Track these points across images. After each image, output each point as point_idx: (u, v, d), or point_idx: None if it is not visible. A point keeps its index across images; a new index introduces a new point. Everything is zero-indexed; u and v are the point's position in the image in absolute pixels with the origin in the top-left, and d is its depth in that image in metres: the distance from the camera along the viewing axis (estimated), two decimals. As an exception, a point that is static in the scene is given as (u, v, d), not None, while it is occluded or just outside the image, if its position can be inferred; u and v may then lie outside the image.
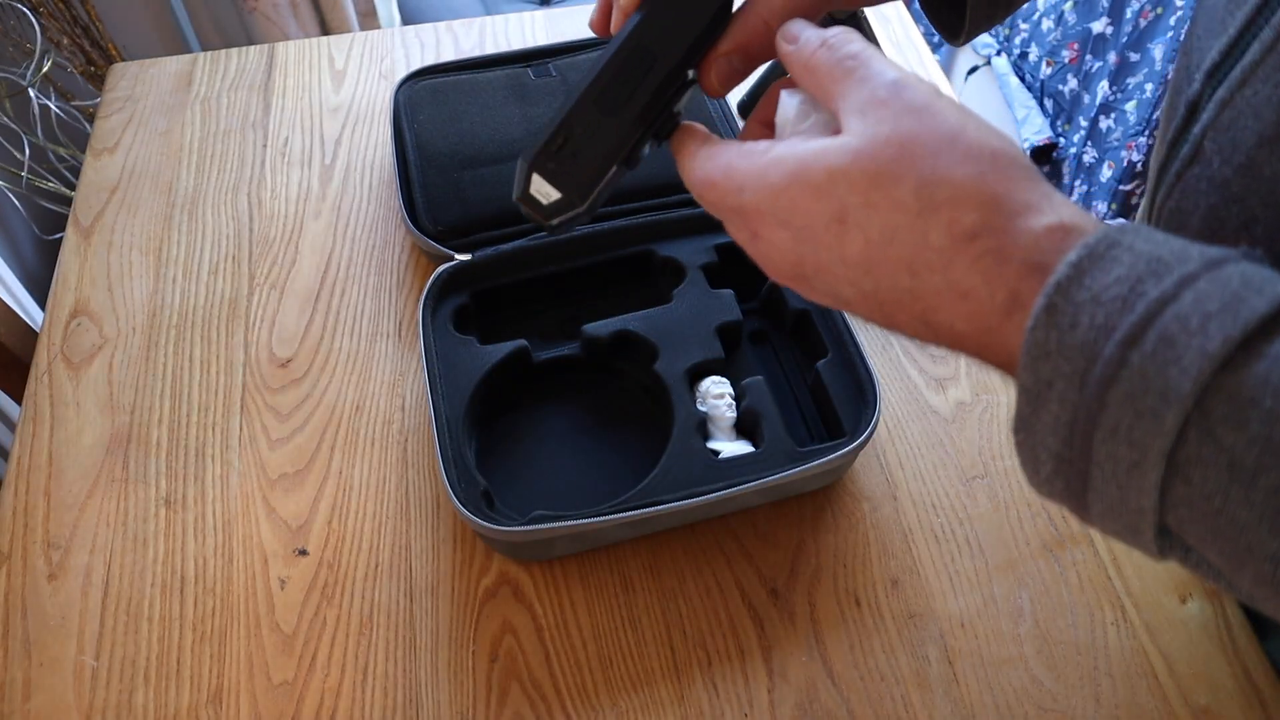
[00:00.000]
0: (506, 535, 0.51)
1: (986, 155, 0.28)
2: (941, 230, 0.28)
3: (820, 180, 0.30)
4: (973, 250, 0.28)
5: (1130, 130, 1.24)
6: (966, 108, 0.30)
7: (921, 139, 0.29)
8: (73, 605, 0.55)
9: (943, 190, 0.28)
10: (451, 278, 0.63)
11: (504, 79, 0.75)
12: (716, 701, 0.51)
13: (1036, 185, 0.29)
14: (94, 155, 0.79)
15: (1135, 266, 0.25)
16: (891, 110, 0.29)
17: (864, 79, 0.30)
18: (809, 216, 0.30)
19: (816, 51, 0.32)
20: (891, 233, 0.29)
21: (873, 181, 0.29)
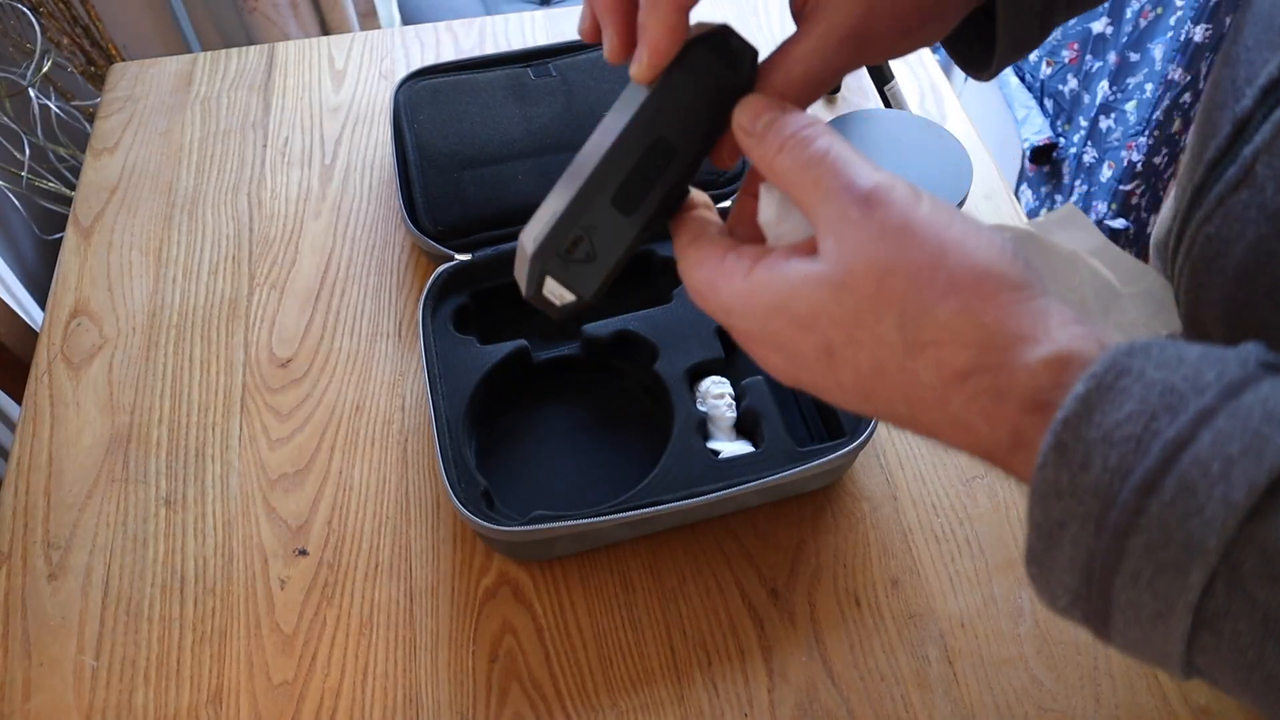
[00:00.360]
0: (506, 535, 0.51)
1: (971, 282, 0.27)
2: (931, 370, 0.27)
3: (803, 315, 0.29)
4: (966, 390, 0.26)
5: (1130, 130, 1.24)
6: (949, 210, 0.28)
7: (900, 270, 0.27)
8: (72, 605, 0.55)
9: (927, 329, 0.27)
10: (451, 278, 0.63)
11: (504, 79, 0.75)
12: (716, 701, 0.51)
13: (1028, 305, 0.27)
14: (94, 155, 0.79)
15: (1147, 400, 0.24)
16: (866, 234, 0.28)
17: (832, 193, 0.29)
18: (797, 346, 0.30)
19: (778, 158, 0.30)
20: (880, 369, 0.28)
21: (854, 319, 0.28)
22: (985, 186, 0.76)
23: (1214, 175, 0.37)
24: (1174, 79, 1.17)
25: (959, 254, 0.27)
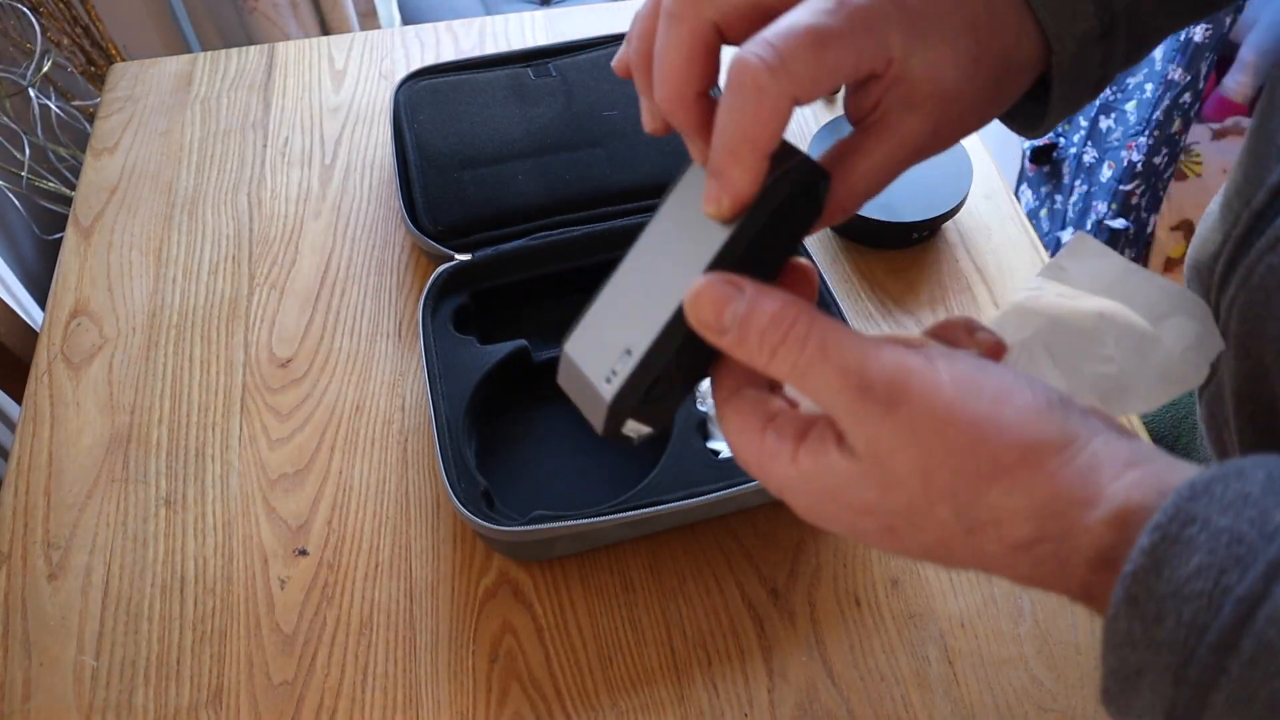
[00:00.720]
0: (506, 535, 0.51)
1: (1017, 460, 0.26)
2: (994, 543, 0.27)
3: (858, 505, 0.28)
4: (1031, 557, 0.27)
5: (1130, 130, 1.24)
6: (973, 376, 0.27)
7: (941, 465, 0.26)
8: (72, 605, 0.55)
9: (983, 513, 0.27)
10: (451, 278, 0.63)
11: (504, 79, 0.75)
12: (716, 701, 0.51)
13: (1077, 464, 0.26)
14: (94, 155, 0.79)
15: (1215, 551, 0.23)
16: (896, 436, 0.27)
17: (845, 395, 0.27)
18: (858, 525, 0.29)
19: (771, 364, 0.28)
20: (947, 545, 0.28)
21: (908, 511, 0.28)
22: (985, 186, 0.76)
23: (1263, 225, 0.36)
24: (1174, 79, 1.17)
25: (996, 433, 0.26)
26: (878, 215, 0.69)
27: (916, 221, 0.69)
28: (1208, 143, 1.28)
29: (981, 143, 0.79)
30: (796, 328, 0.28)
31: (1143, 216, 1.28)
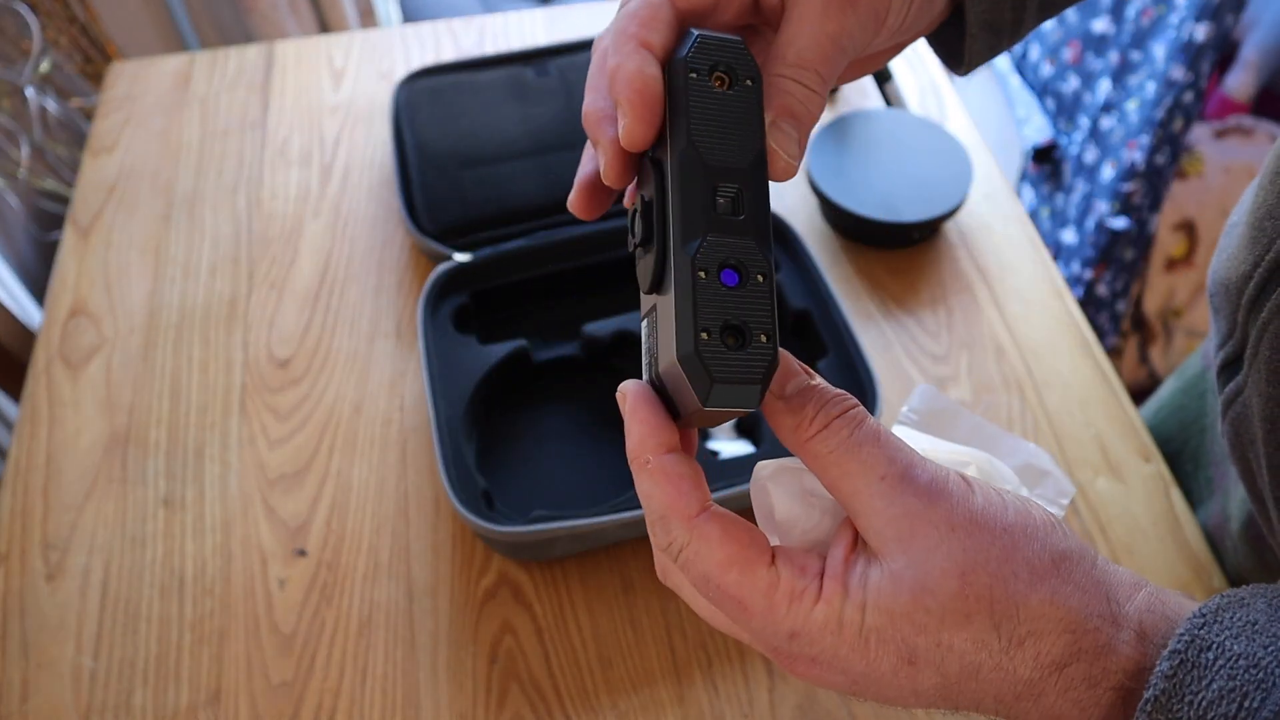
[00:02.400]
0: (506, 535, 0.51)
1: (1050, 567, 0.26)
2: (1029, 664, 0.26)
3: (882, 626, 0.26)
4: (1063, 680, 0.26)
5: (1132, 130, 1.24)
6: (995, 491, 0.28)
7: (980, 566, 0.26)
8: (71, 606, 0.55)
9: (1024, 624, 0.26)
10: (451, 278, 0.63)
11: (504, 79, 0.74)
12: (716, 701, 0.51)
13: (1095, 577, 0.27)
14: (92, 155, 0.78)
15: (1234, 676, 0.24)
16: (935, 529, 0.26)
17: (889, 481, 0.27)
18: (871, 666, 0.27)
19: (820, 436, 0.27)
20: (974, 670, 0.26)
21: (941, 622, 0.26)
22: (985, 186, 0.76)
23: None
24: (1176, 78, 1.17)
25: (1026, 541, 0.27)
26: (878, 215, 0.68)
27: (916, 221, 0.68)
28: (1209, 142, 1.28)
29: (981, 142, 0.79)
30: (855, 410, 0.28)
31: (1144, 216, 1.28)
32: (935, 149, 0.72)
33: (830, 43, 0.30)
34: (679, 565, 0.28)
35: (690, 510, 0.28)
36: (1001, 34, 0.36)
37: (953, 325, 0.67)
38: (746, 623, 0.28)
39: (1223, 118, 1.30)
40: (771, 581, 0.27)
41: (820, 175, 0.71)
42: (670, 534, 0.28)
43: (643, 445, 0.28)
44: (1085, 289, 1.35)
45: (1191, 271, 1.34)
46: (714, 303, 0.26)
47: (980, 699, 0.27)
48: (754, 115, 0.28)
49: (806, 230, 0.73)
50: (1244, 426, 0.40)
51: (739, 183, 0.28)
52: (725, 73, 0.28)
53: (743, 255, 0.27)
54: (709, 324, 0.26)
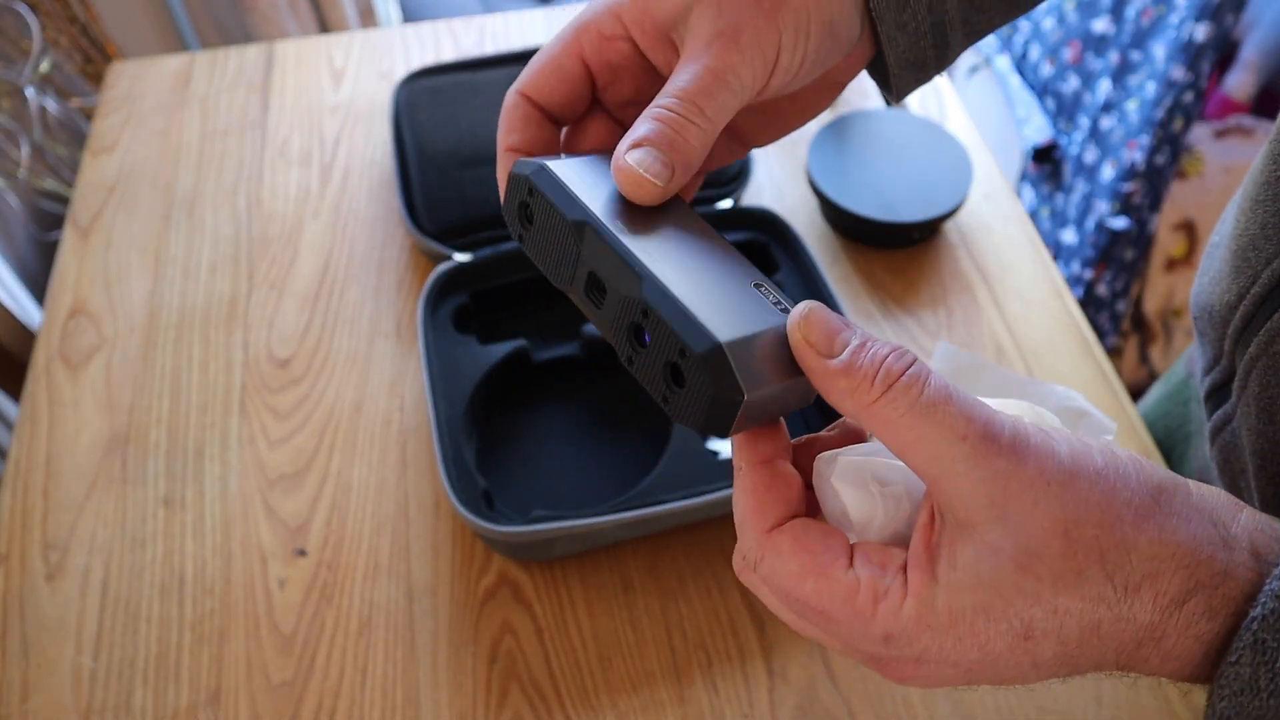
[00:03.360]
0: (506, 535, 0.51)
1: (1150, 504, 0.25)
2: (1148, 607, 0.25)
3: (989, 604, 0.25)
4: (1184, 616, 0.25)
5: (1132, 130, 1.24)
6: (1078, 438, 0.26)
7: (1084, 517, 0.24)
8: (71, 606, 0.55)
9: (1137, 568, 0.25)
10: (451, 277, 0.63)
11: (504, 79, 0.74)
12: (716, 701, 0.51)
13: (1195, 506, 0.26)
14: (92, 155, 0.78)
15: None
16: (1030, 488, 0.24)
17: (969, 443, 0.25)
18: (985, 649, 0.25)
19: (883, 401, 0.25)
20: (1094, 629, 0.25)
21: (1054, 587, 0.24)
22: (985, 186, 0.76)
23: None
24: (1176, 78, 1.17)
25: (1121, 482, 0.25)
26: (878, 215, 0.68)
27: (916, 221, 0.68)
28: (1209, 142, 1.28)
29: (981, 143, 0.79)
30: (918, 364, 0.25)
31: (1144, 216, 1.28)
32: (935, 149, 0.73)
33: (711, 76, 0.30)
34: (760, 578, 0.28)
35: (765, 524, 0.27)
36: (926, 67, 0.36)
37: (953, 325, 0.67)
38: (835, 632, 0.26)
39: (1223, 118, 1.30)
40: (851, 585, 0.26)
41: (820, 175, 0.71)
42: (746, 544, 0.28)
43: (740, 453, 0.28)
44: (1085, 289, 1.35)
45: (1191, 272, 1.34)
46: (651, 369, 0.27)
47: (1101, 656, 0.26)
48: (553, 214, 0.29)
49: (806, 230, 0.73)
50: (1233, 455, 0.39)
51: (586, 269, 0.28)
52: (523, 210, 0.30)
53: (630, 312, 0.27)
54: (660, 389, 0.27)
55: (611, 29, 0.32)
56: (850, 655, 0.28)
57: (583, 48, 0.33)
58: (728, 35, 0.30)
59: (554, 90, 0.33)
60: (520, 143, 0.33)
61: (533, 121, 0.33)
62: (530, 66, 0.33)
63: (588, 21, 0.33)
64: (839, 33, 0.33)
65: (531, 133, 0.33)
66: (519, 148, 0.33)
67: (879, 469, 0.28)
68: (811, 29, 0.32)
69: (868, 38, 0.35)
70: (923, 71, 0.36)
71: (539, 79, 0.33)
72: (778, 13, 0.31)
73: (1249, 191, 0.38)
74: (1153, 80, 1.21)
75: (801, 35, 0.31)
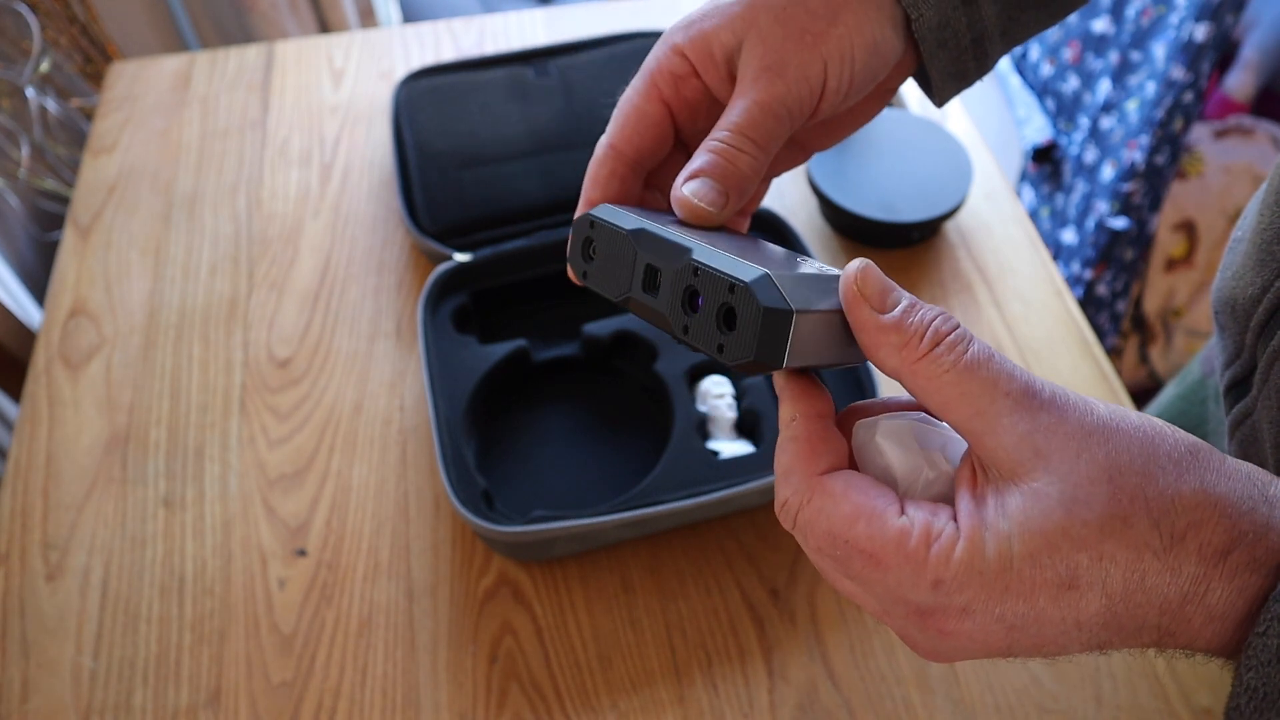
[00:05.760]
0: (506, 535, 0.51)
1: (1189, 456, 0.26)
2: (1193, 558, 0.25)
3: (1036, 551, 0.25)
4: (1228, 568, 0.25)
5: (1132, 130, 1.24)
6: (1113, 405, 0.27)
7: (1126, 466, 0.25)
8: (71, 606, 0.55)
9: (1181, 516, 0.25)
10: (451, 277, 0.63)
11: (504, 79, 0.74)
12: (716, 702, 0.51)
13: (1234, 465, 0.26)
14: (92, 155, 0.78)
15: None
16: (1072, 439, 0.25)
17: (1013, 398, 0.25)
18: (1029, 601, 0.25)
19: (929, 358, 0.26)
20: (1139, 579, 0.25)
21: (1101, 532, 0.25)
22: (985, 186, 0.76)
23: None
24: (1176, 78, 1.17)
25: (1160, 437, 0.26)
26: (878, 215, 0.68)
27: (916, 221, 0.68)
28: (1209, 142, 1.28)
29: (981, 143, 0.79)
30: (962, 328, 0.27)
31: (1144, 216, 1.28)
32: (935, 149, 0.73)
33: (759, 109, 0.33)
34: (798, 527, 0.27)
35: (816, 467, 0.27)
36: (968, 77, 0.38)
37: (953, 325, 0.67)
38: (882, 579, 0.26)
39: (1223, 118, 1.30)
40: (904, 529, 0.26)
41: (820, 175, 0.71)
42: (788, 487, 0.27)
43: (794, 405, 0.28)
44: (1085, 289, 1.35)
45: (1191, 271, 1.34)
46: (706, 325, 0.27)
47: (1145, 614, 0.25)
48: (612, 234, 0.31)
49: (806, 230, 0.73)
50: (1252, 449, 0.40)
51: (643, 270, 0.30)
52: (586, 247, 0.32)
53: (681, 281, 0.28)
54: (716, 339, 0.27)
55: (681, 68, 0.34)
56: (889, 613, 0.28)
57: (660, 90, 0.35)
58: (774, 70, 0.33)
59: (643, 137, 0.35)
60: (616, 194, 0.35)
61: (616, 177, 0.35)
62: (616, 118, 0.35)
63: (659, 65, 0.35)
64: (883, 52, 0.34)
65: (614, 188, 0.35)
66: (612, 198, 0.35)
67: (920, 431, 0.28)
68: (856, 54, 0.33)
69: (910, 51, 0.36)
70: (964, 80, 0.38)
71: (627, 129, 0.34)
72: (821, 44, 0.33)
73: (1274, 185, 0.38)
74: (1153, 80, 1.21)
75: (846, 61, 0.33)
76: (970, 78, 0.38)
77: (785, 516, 0.28)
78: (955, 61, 0.36)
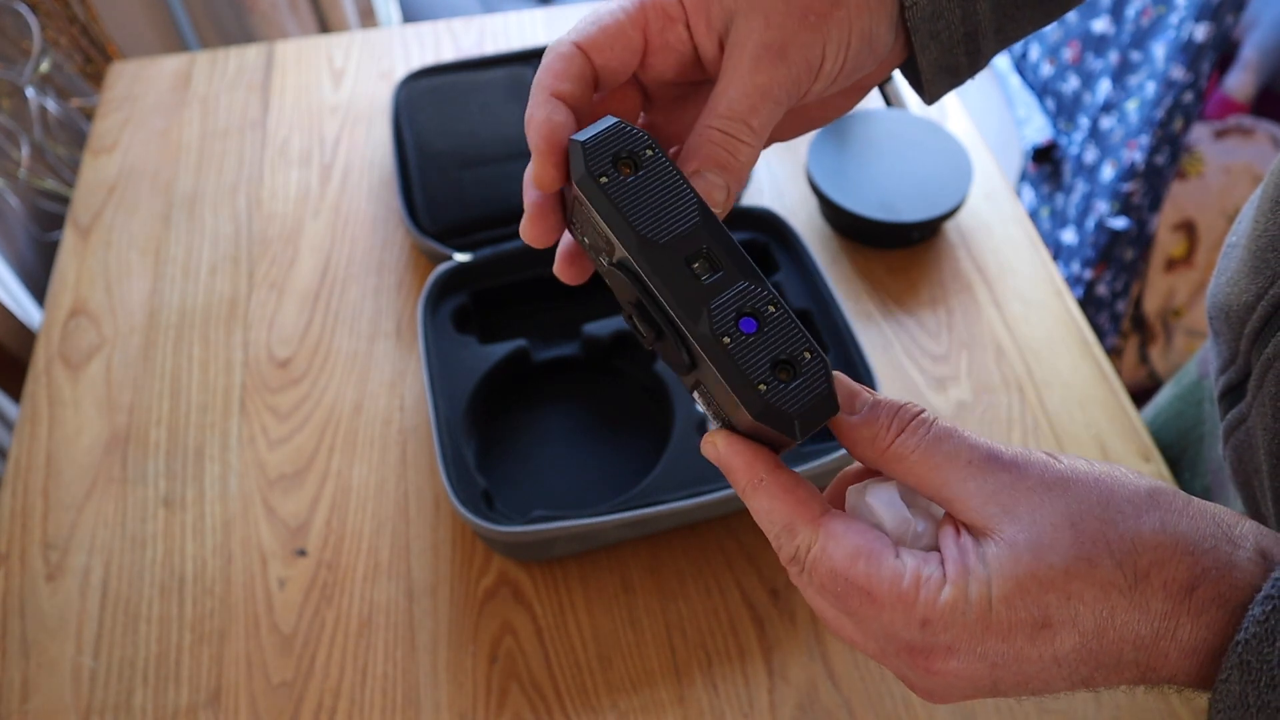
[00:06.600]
0: (506, 535, 0.51)
1: (1146, 499, 0.27)
2: (1159, 595, 0.26)
3: (1009, 594, 0.26)
4: (1195, 604, 0.26)
5: (1132, 130, 1.24)
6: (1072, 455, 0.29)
7: (1085, 512, 0.27)
8: (71, 606, 0.55)
9: (1143, 555, 0.26)
10: (451, 277, 0.63)
11: (504, 79, 0.74)
12: (716, 701, 0.51)
13: (1198, 507, 0.27)
14: (92, 155, 0.78)
15: None
16: (1033, 493, 0.27)
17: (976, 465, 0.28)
18: (1007, 640, 0.27)
19: (900, 440, 0.28)
20: (1109, 616, 0.26)
21: (1067, 574, 0.26)
22: (985, 186, 0.76)
23: None
24: (1176, 78, 1.17)
25: (1118, 484, 0.27)
26: (877, 215, 0.68)
27: (916, 221, 0.68)
28: (1209, 142, 1.28)
29: (981, 142, 0.79)
30: (925, 412, 0.29)
31: (1144, 216, 1.28)
32: (935, 149, 0.72)
33: (759, 94, 0.31)
34: (806, 570, 0.29)
35: (814, 513, 0.29)
36: (959, 73, 0.37)
37: (953, 325, 0.67)
38: (877, 615, 0.27)
39: (1223, 118, 1.30)
40: (899, 570, 0.27)
41: (820, 175, 0.71)
42: (796, 538, 0.29)
43: (751, 468, 0.29)
44: (1085, 289, 1.35)
45: (1191, 272, 1.34)
46: (751, 354, 0.28)
47: (1120, 650, 0.27)
48: (672, 177, 0.29)
49: (806, 230, 0.73)
50: (1247, 454, 0.39)
51: (701, 242, 0.29)
52: (627, 159, 0.30)
53: (746, 300, 0.28)
54: (759, 375, 0.27)
55: (675, 12, 0.33)
56: (884, 651, 0.29)
57: (648, 22, 0.33)
58: (775, 51, 0.31)
59: (610, 54, 0.32)
60: (569, 93, 0.32)
61: (584, 79, 0.32)
62: (589, 24, 0.32)
63: None
64: (875, 45, 0.34)
65: (581, 89, 0.32)
66: (565, 96, 0.32)
67: (905, 494, 0.30)
68: (852, 40, 0.33)
69: (900, 44, 0.35)
70: (956, 76, 0.37)
71: (600, 39, 0.32)
72: (823, 26, 0.32)
73: (1269, 192, 0.38)
74: (1153, 80, 1.21)
75: (842, 47, 0.33)
76: (962, 74, 0.37)
77: (796, 564, 0.29)
78: (946, 54, 0.36)
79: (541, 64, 0.32)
